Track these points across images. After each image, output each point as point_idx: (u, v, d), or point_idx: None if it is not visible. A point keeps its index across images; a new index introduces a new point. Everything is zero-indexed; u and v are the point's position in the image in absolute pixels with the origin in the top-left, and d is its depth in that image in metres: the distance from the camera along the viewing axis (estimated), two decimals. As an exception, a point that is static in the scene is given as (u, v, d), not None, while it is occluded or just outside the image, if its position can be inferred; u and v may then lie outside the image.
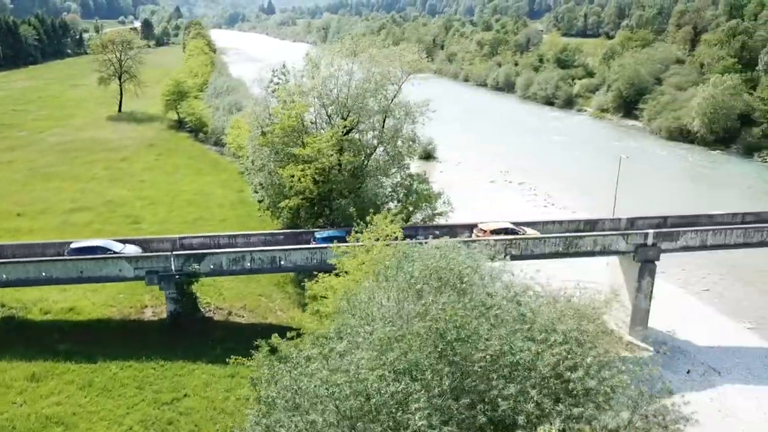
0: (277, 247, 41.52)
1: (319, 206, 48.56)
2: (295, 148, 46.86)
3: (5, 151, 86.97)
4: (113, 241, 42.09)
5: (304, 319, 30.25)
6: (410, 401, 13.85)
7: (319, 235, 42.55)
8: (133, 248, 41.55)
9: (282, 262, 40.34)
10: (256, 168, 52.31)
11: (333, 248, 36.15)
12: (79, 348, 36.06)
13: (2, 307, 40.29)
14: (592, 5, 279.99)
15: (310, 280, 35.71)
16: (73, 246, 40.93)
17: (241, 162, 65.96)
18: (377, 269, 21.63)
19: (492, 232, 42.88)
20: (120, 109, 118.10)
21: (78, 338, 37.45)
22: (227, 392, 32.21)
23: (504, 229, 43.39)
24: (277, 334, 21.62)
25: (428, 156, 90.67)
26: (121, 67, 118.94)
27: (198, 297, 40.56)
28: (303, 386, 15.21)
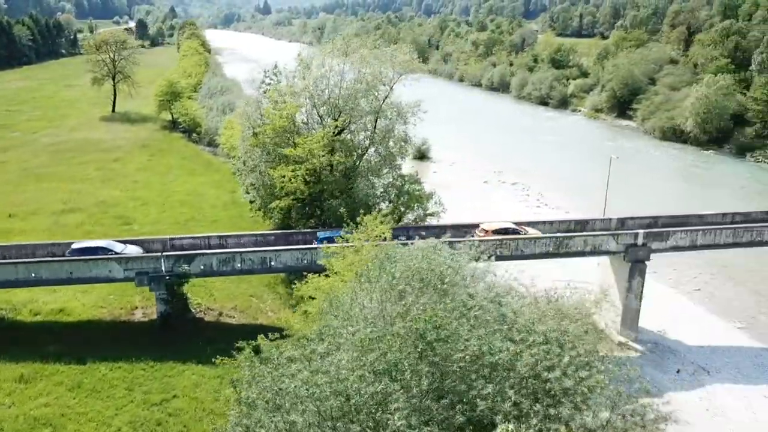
0: (267, 248, 41.50)
1: (311, 207, 48.59)
2: (287, 148, 46.87)
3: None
4: (115, 241, 42.04)
5: (290, 320, 30.29)
6: (390, 401, 13.90)
7: (321, 234, 42.57)
8: (134, 249, 41.48)
9: (272, 263, 40.33)
10: (248, 169, 52.31)
11: (323, 249, 36.18)
12: (68, 349, 36.04)
13: (-8, 308, 40.28)
14: (587, 5, 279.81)
15: (300, 280, 35.75)
16: (74, 246, 40.86)
17: (233, 163, 65.90)
18: (359, 270, 21.66)
19: (494, 232, 42.98)
20: (113, 110, 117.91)
21: (68, 339, 37.44)
22: (216, 393, 32.17)
23: (506, 229, 43.47)
24: (267, 334, 21.58)
25: (422, 156, 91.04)
26: (115, 67, 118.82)
27: (189, 298, 40.57)
28: (284, 387, 15.25)
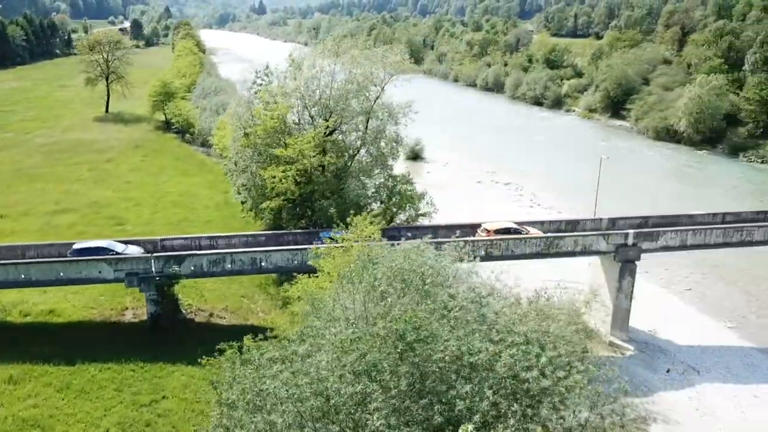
0: (257, 249, 41.50)
1: (301, 207, 48.56)
2: (277, 149, 46.84)
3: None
4: (115, 242, 41.97)
5: (276, 320, 30.30)
6: (369, 402, 13.93)
7: (324, 235, 42.50)
8: (135, 249, 41.40)
9: (263, 264, 40.33)
10: (239, 169, 52.25)
11: (312, 249, 36.16)
12: (58, 350, 35.97)
13: (-18, 310, 40.20)
14: (582, 6, 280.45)
15: (291, 281, 35.72)
16: (75, 247, 40.82)
17: (225, 163, 65.88)
18: (342, 272, 21.71)
19: (495, 231, 43.01)
20: (107, 110, 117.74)
21: (57, 340, 37.38)
22: (206, 394, 32.17)
23: (507, 229, 43.49)
24: (256, 335, 21.50)
25: (416, 156, 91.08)
26: (108, 67, 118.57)
27: (179, 299, 40.54)
28: (265, 388, 15.28)
